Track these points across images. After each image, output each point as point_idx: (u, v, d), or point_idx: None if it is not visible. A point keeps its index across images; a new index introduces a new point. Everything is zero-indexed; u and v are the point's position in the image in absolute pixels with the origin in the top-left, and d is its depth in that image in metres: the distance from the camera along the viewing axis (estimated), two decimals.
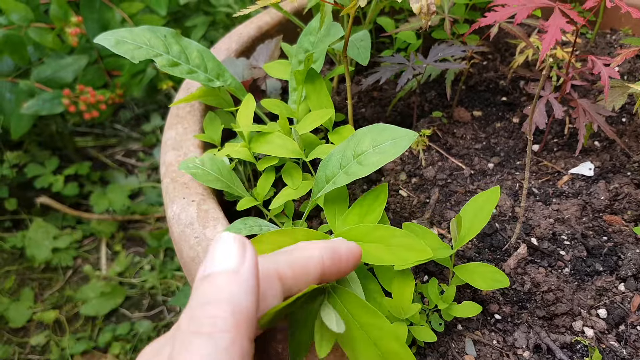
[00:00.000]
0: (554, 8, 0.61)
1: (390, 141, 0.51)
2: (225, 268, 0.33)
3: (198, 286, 0.33)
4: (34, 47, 1.46)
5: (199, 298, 0.32)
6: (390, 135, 0.51)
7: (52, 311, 1.37)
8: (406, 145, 0.50)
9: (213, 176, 0.57)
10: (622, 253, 0.59)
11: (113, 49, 0.61)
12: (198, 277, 0.34)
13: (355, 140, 0.53)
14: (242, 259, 0.33)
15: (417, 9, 0.43)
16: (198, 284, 0.33)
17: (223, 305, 0.31)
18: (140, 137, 1.89)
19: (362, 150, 0.52)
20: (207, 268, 0.33)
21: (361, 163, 0.52)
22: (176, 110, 0.71)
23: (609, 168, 0.70)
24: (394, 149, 0.50)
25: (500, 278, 0.47)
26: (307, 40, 0.67)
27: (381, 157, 0.51)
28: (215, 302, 0.32)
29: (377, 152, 0.51)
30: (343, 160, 0.53)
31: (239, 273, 0.33)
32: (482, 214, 0.49)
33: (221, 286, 0.32)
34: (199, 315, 0.31)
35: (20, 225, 1.59)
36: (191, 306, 0.32)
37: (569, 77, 0.66)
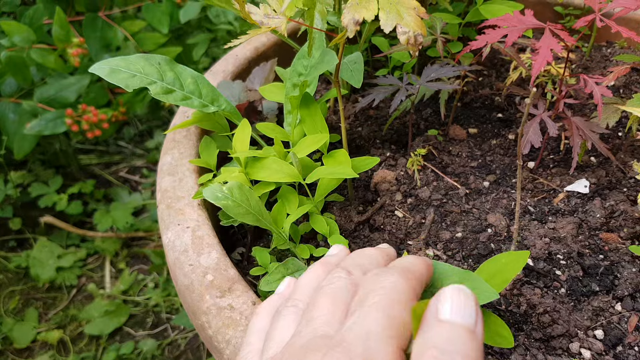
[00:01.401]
0: (544, 29, 0.61)
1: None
2: (464, 322, 0.32)
3: (433, 325, 0.32)
4: (36, 67, 1.47)
5: (437, 340, 0.31)
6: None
7: (56, 331, 1.38)
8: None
9: (244, 209, 0.55)
10: (619, 272, 0.59)
11: (107, 78, 0.62)
12: (430, 315, 0.33)
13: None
14: (478, 319, 0.33)
15: (405, 40, 0.44)
16: (433, 322, 0.32)
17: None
18: (144, 153, 1.91)
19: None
20: (444, 313, 0.33)
21: None
22: (172, 135, 0.72)
23: (605, 184, 0.70)
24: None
25: (505, 334, 0.46)
26: (300, 64, 0.67)
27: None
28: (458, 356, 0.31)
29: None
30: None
31: (474, 333, 0.32)
32: (499, 280, 0.48)
33: (463, 341, 0.31)
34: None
35: (24, 244, 1.60)
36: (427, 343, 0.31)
37: (562, 96, 0.66)
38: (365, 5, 0.45)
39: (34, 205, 1.66)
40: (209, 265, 0.55)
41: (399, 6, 0.45)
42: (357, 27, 0.45)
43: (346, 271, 0.40)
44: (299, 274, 0.56)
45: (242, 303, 0.51)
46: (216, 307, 0.51)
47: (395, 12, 0.45)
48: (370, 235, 0.65)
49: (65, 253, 1.55)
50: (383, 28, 0.45)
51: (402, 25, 0.45)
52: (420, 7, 0.45)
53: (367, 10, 0.45)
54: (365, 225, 0.67)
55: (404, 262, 0.41)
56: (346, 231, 0.66)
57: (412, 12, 0.45)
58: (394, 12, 0.45)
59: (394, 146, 0.79)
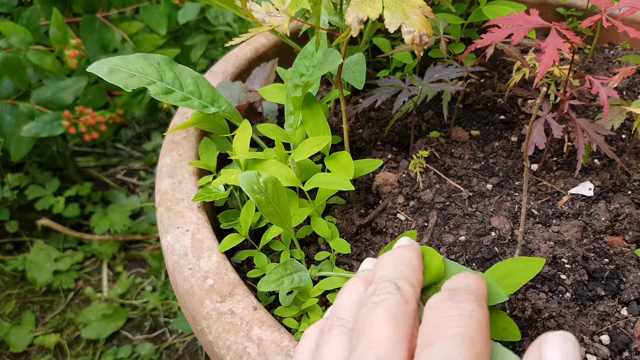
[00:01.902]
0: (550, 28, 0.60)
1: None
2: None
3: None
4: (33, 69, 1.46)
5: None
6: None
7: (53, 335, 1.36)
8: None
9: (273, 208, 0.52)
10: (624, 276, 0.58)
11: (106, 77, 0.61)
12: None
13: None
14: None
15: (410, 40, 0.43)
16: None
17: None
18: (142, 155, 1.90)
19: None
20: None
21: None
22: (172, 136, 0.71)
23: (609, 187, 0.69)
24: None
25: (512, 329, 0.45)
26: (302, 65, 0.66)
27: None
28: None
29: None
30: None
31: None
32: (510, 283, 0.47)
33: None
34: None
35: (21, 247, 1.59)
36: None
37: (566, 97, 0.66)
38: (369, 4, 0.44)
39: (30, 207, 1.64)
40: (209, 269, 0.54)
41: (404, 5, 0.44)
42: (361, 25, 0.44)
43: (394, 285, 0.37)
44: (298, 275, 0.55)
45: (242, 308, 0.50)
46: (216, 312, 0.50)
47: (400, 11, 0.44)
48: (372, 239, 0.64)
49: (62, 256, 1.54)
50: (388, 27, 0.44)
51: (407, 24, 0.44)
52: (425, 6, 0.44)
53: (371, 8, 0.44)
54: (367, 228, 0.66)
55: (470, 284, 0.37)
56: (348, 234, 0.65)
57: (417, 11, 0.44)
58: (399, 11, 0.44)
59: (396, 148, 0.78)
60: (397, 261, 0.41)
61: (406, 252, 0.42)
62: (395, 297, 0.36)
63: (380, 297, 0.36)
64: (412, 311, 0.36)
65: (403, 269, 0.40)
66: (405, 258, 0.41)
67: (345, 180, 0.56)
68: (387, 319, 0.34)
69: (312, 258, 0.62)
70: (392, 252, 0.42)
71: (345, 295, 0.40)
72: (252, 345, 0.47)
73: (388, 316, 0.34)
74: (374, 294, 0.37)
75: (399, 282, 0.38)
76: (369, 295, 0.37)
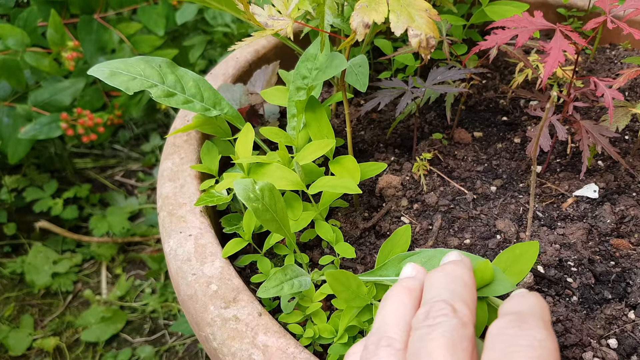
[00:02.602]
0: (552, 29, 0.60)
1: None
2: None
3: None
4: (30, 71, 1.45)
5: None
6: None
7: (52, 338, 1.35)
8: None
9: (270, 215, 0.51)
10: (631, 279, 0.58)
11: (107, 80, 0.60)
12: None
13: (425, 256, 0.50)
14: None
15: (417, 43, 0.42)
16: None
17: None
18: (140, 157, 1.89)
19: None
20: None
21: None
22: (173, 139, 0.70)
23: (614, 189, 0.68)
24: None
25: None
26: (304, 67, 0.66)
27: None
28: None
29: None
30: (427, 265, 0.50)
31: None
32: (515, 271, 0.47)
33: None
34: None
35: (19, 250, 1.58)
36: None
37: (570, 99, 0.65)
38: (375, 8, 0.44)
39: (28, 210, 1.63)
40: (212, 275, 0.53)
41: (410, 8, 0.44)
42: (366, 30, 0.43)
43: (449, 306, 0.35)
44: (298, 280, 0.54)
45: (247, 314, 0.50)
46: (221, 318, 0.50)
47: (406, 15, 0.43)
48: (376, 242, 0.64)
49: (60, 258, 1.53)
50: (394, 31, 0.43)
51: (413, 27, 0.43)
52: (432, 8, 0.44)
53: (377, 12, 0.44)
54: (371, 231, 0.65)
55: (535, 307, 0.35)
56: (351, 238, 0.64)
57: (423, 14, 0.44)
58: (405, 14, 0.44)
59: (398, 150, 0.78)
60: (450, 279, 0.39)
61: (458, 268, 0.40)
62: (452, 320, 0.34)
63: (436, 320, 0.34)
64: (470, 336, 0.34)
65: (456, 287, 0.38)
66: (457, 276, 0.39)
67: (352, 183, 0.56)
68: (445, 347, 0.32)
69: (316, 262, 0.61)
70: (443, 269, 0.40)
71: (390, 309, 0.38)
72: (258, 352, 0.47)
73: (446, 343, 0.32)
74: (428, 316, 0.35)
75: (455, 302, 0.36)
76: (421, 317, 0.35)
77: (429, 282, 0.39)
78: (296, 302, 0.55)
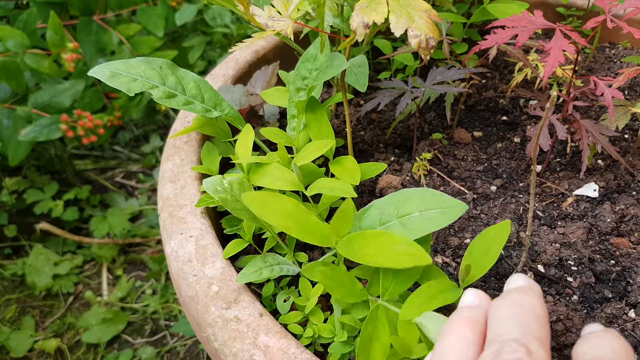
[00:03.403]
0: (554, 29, 0.60)
1: (439, 210, 0.49)
2: None
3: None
4: (30, 73, 1.46)
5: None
6: (440, 204, 0.49)
7: (53, 339, 1.35)
8: (456, 216, 0.48)
9: (241, 205, 0.53)
10: (631, 278, 0.58)
11: (108, 82, 0.60)
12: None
13: (401, 199, 0.51)
14: None
15: (416, 44, 0.42)
16: None
17: None
18: (140, 158, 1.89)
19: (407, 211, 0.50)
20: None
21: (405, 225, 0.50)
22: (173, 141, 0.70)
23: (614, 188, 0.68)
24: (443, 218, 0.48)
25: None
26: (304, 68, 0.66)
27: (428, 224, 0.48)
28: None
29: (424, 217, 0.49)
30: (383, 216, 0.51)
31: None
32: (492, 251, 0.47)
33: None
34: None
35: (20, 252, 1.58)
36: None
37: (570, 98, 0.65)
38: (374, 8, 0.44)
39: (29, 212, 1.63)
40: (213, 276, 0.53)
41: (409, 9, 0.44)
42: (366, 30, 0.44)
43: (524, 347, 0.31)
44: (279, 267, 0.55)
45: (248, 315, 0.50)
46: (222, 319, 0.50)
47: (406, 15, 0.44)
48: None
49: (61, 260, 1.53)
50: (393, 31, 0.43)
51: (413, 28, 0.43)
52: (431, 9, 0.44)
53: (377, 13, 0.44)
54: None
55: (618, 352, 0.32)
56: None
57: (423, 14, 0.44)
58: (405, 14, 0.44)
59: (398, 150, 0.78)
60: (519, 311, 0.34)
61: (528, 298, 0.35)
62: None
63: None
64: None
65: (528, 322, 0.33)
66: (528, 307, 0.34)
67: (348, 187, 0.56)
68: None
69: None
70: (510, 298, 0.36)
71: (450, 345, 0.34)
72: (259, 353, 0.47)
73: None
74: (498, 359, 0.31)
75: (529, 342, 0.31)
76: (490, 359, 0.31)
77: (495, 314, 0.35)
78: (291, 301, 0.55)
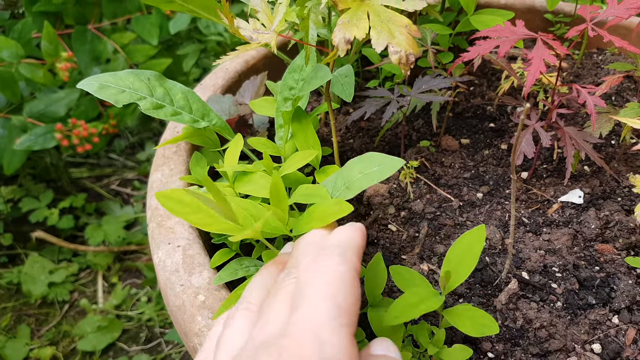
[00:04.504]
0: (535, 38, 0.61)
1: (377, 167, 0.54)
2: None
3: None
4: (25, 82, 1.46)
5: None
6: (378, 162, 0.54)
7: (49, 347, 1.36)
8: (391, 171, 0.53)
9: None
10: (615, 284, 0.58)
11: (96, 93, 0.61)
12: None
13: (347, 169, 0.55)
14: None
15: (397, 59, 0.43)
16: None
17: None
18: (136, 165, 1.89)
19: (351, 177, 0.55)
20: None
21: (349, 188, 0.54)
22: (162, 150, 0.71)
23: (599, 194, 0.69)
24: (379, 174, 0.53)
25: (489, 323, 0.46)
26: (291, 78, 0.67)
27: (366, 180, 0.53)
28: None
29: (364, 176, 0.54)
30: (334, 189, 0.55)
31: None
32: (469, 258, 0.48)
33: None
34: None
35: (15, 260, 1.59)
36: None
37: (554, 105, 0.66)
38: (356, 24, 0.45)
39: (24, 220, 1.64)
40: (200, 285, 0.54)
41: (390, 24, 0.45)
42: (348, 46, 0.44)
43: (301, 270, 0.39)
44: (255, 268, 0.56)
45: None
46: (208, 328, 0.50)
47: (386, 31, 0.44)
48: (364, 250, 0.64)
49: (57, 268, 1.54)
50: (374, 47, 0.44)
51: (393, 44, 0.44)
52: (412, 25, 0.45)
53: (358, 28, 0.44)
54: None
55: (341, 239, 0.40)
56: None
57: (403, 30, 0.44)
58: (386, 30, 0.44)
59: None
60: (309, 244, 0.42)
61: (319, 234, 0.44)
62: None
63: (285, 282, 0.38)
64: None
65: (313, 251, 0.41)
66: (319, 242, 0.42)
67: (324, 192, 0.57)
68: (282, 301, 0.36)
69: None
70: (306, 236, 0.44)
71: (257, 280, 0.43)
72: None
73: (284, 299, 0.36)
74: (280, 279, 0.40)
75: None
76: (280, 280, 0.40)
77: (298, 249, 0.43)
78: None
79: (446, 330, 0.54)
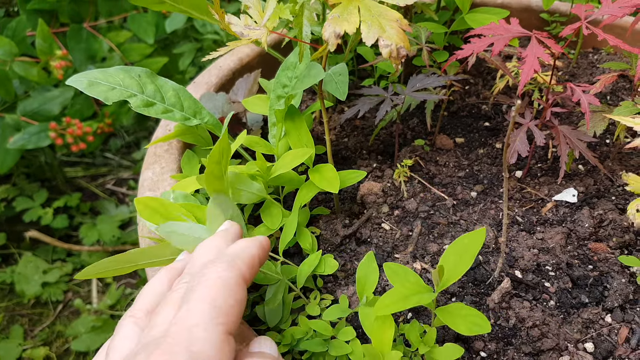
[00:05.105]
0: (530, 37, 0.60)
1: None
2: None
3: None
4: (19, 80, 1.45)
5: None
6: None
7: (42, 348, 1.35)
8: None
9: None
10: (608, 283, 0.58)
11: (85, 91, 0.60)
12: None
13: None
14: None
15: (387, 53, 0.43)
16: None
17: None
18: (131, 165, 1.89)
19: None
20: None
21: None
22: (154, 149, 0.71)
23: (593, 193, 0.69)
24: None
25: (481, 322, 0.46)
26: (284, 76, 0.66)
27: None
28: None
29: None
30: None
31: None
32: (466, 257, 0.48)
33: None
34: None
35: (9, 260, 1.58)
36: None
37: (549, 104, 0.66)
38: (346, 18, 0.44)
39: (18, 219, 1.63)
40: None
41: (380, 19, 0.44)
42: (338, 40, 0.44)
43: (191, 276, 0.40)
44: None
45: None
46: None
47: (377, 25, 0.44)
48: (356, 249, 0.64)
49: (50, 268, 1.53)
50: (365, 41, 0.44)
51: (384, 38, 0.44)
52: (402, 19, 0.44)
53: (348, 23, 0.44)
54: (351, 238, 0.65)
55: (234, 249, 0.42)
56: (332, 245, 0.64)
57: (394, 24, 0.44)
58: (376, 24, 0.44)
59: (381, 157, 0.78)
60: (205, 251, 0.43)
61: (216, 241, 0.45)
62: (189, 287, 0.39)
63: (176, 288, 0.40)
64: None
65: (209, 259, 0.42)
66: (214, 248, 0.43)
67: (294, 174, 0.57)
68: (171, 305, 0.38)
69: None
70: (204, 244, 0.45)
71: (146, 288, 0.44)
72: None
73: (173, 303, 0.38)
74: (174, 285, 0.41)
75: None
76: (174, 285, 0.41)
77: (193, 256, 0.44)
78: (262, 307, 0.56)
79: (438, 330, 0.53)
